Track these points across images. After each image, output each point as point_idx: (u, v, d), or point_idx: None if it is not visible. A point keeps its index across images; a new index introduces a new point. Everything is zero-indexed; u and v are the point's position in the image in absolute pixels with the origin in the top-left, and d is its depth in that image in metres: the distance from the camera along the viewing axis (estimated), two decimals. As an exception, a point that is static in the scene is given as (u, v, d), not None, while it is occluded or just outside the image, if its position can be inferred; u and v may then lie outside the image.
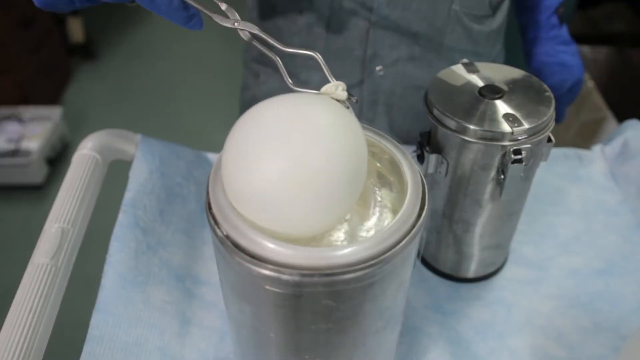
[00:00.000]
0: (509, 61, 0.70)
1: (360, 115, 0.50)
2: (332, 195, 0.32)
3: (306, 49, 0.37)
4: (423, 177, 0.39)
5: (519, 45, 0.87)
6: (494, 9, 0.71)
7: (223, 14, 0.40)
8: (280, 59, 0.71)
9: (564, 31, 0.81)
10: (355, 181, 0.33)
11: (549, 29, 0.80)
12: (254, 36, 0.40)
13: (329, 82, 0.74)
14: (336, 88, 0.35)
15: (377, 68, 0.70)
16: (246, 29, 0.39)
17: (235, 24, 0.39)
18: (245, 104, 0.83)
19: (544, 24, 0.80)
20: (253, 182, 0.31)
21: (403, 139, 0.55)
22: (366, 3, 0.65)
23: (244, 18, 0.42)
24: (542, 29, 0.81)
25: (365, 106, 0.73)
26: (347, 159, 0.32)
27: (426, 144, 0.54)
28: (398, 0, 0.65)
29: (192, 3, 0.40)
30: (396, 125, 0.75)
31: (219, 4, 0.41)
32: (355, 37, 0.68)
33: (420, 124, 0.76)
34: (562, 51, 0.80)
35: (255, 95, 0.80)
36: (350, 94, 0.36)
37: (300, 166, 0.31)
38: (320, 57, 0.36)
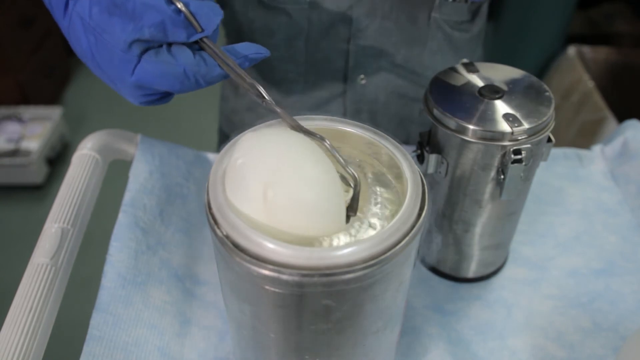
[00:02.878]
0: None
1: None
2: (325, 208, 0.36)
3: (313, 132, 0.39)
4: (423, 177, 0.39)
5: (499, 49, 0.87)
6: (473, 14, 0.71)
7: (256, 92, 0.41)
8: (262, 71, 0.71)
9: None
10: (339, 198, 0.37)
11: None
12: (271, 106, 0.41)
13: (310, 94, 0.73)
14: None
15: (360, 77, 0.69)
16: (274, 109, 0.40)
17: (264, 102, 0.40)
18: (226, 116, 0.82)
19: None
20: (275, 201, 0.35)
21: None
22: (345, 15, 0.64)
23: (220, 29, 0.42)
24: None
25: (349, 115, 0.73)
26: (332, 185, 0.36)
27: (426, 144, 0.54)
28: (377, 10, 0.64)
29: (244, 84, 0.40)
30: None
31: (259, 89, 0.41)
32: (335, 49, 0.67)
33: (404, 129, 0.76)
34: None
35: (236, 108, 0.79)
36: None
37: (306, 191, 0.35)
38: (329, 143, 0.38)
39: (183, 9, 0.39)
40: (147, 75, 0.39)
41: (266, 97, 0.40)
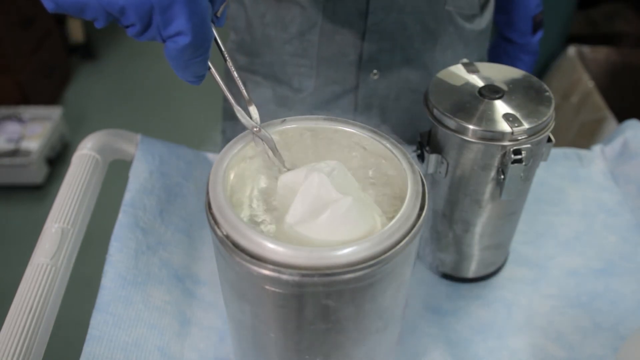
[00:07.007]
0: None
1: (353, 119, 0.50)
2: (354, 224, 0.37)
3: None
4: (423, 177, 0.39)
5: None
6: (482, 8, 0.71)
7: (248, 112, 0.42)
8: (273, 66, 0.70)
9: (535, 39, 0.83)
10: (365, 214, 0.38)
11: (520, 34, 0.83)
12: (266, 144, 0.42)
13: (322, 89, 0.73)
14: None
15: (373, 72, 0.69)
16: (263, 139, 0.41)
17: (255, 129, 0.41)
18: (230, 114, 0.81)
19: (517, 27, 0.82)
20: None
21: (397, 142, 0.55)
22: (361, 8, 0.64)
23: (226, 27, 0.42)
24: (514, 32, 0.83)
25: (359, 110, 0.72)
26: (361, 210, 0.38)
27: (426, 144, 0.54)
28: (393, 3, 0.64)
29: (227, 94, 0.41)
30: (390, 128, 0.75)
31: (250, 107, 0.42)
32: (349, 42, 0.67)
33: (414, 126, 0.76)
34: (519, 59, 0.83)
35: (243, 105, 0.78)
36: None
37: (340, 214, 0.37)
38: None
39: None
40: None
41: (241, 119, 0.41)
